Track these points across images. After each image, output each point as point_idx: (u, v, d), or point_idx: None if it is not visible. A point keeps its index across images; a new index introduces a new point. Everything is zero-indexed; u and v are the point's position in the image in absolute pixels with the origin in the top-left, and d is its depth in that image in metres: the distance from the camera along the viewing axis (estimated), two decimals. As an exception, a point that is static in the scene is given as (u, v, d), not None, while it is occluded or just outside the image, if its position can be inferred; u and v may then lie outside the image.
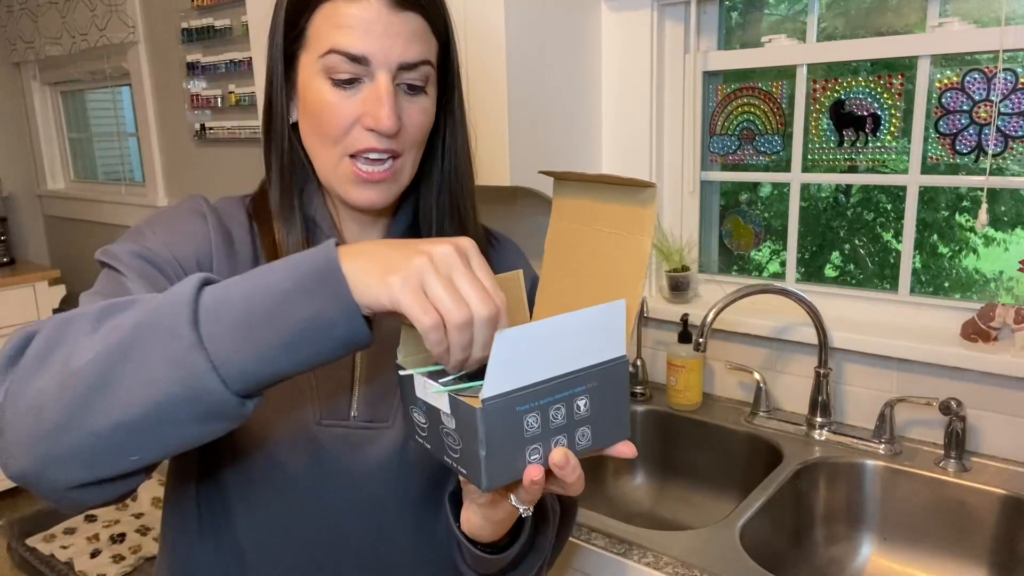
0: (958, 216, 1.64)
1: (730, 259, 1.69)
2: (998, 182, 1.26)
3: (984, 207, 1.24)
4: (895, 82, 1.33)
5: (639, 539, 1.08)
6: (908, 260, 1.37)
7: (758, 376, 1.45)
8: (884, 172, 1.41)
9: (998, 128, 1.24)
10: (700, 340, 1.29)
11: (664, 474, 1.53)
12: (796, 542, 1.26)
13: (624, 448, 0.59)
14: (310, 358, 0.54)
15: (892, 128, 1.35)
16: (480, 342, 0.53)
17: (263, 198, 0.79)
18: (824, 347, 1.35)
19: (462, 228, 0.80)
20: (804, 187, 1.49)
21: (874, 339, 1.33)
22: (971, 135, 1.27)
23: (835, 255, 1.76)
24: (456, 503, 0.71)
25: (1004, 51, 1.20)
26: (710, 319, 1.28)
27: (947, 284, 1.61)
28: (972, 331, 1.26)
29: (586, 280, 0.64)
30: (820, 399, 1.37)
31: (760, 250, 1.66)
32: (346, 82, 0.68)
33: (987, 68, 1.23)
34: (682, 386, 1.49)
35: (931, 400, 1.26)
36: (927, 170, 1.33)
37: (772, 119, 1.50)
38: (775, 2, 1.54)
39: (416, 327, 0.52)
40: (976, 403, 1.26)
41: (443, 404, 0.55)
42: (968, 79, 1.25)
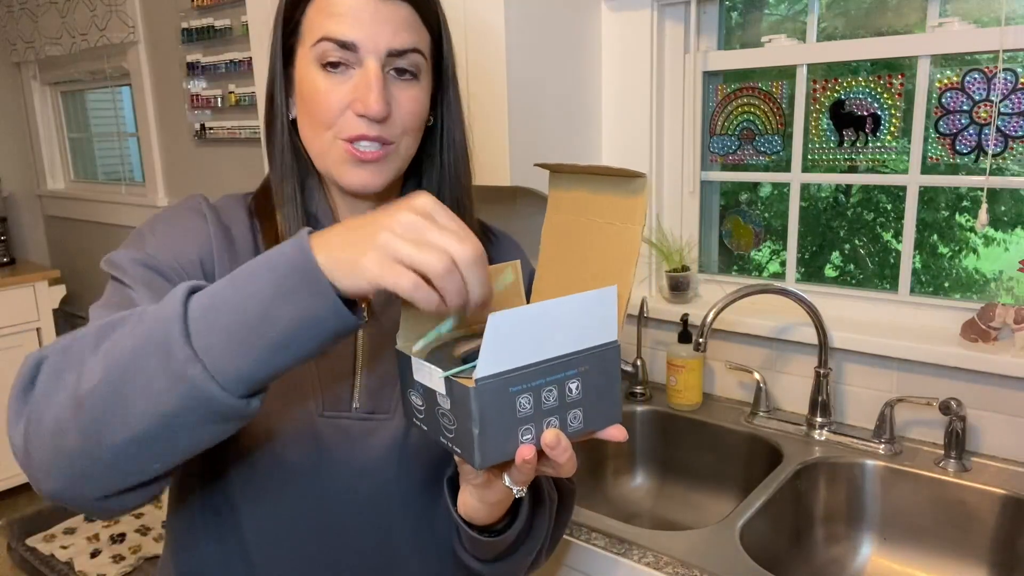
0: (958, 216, 1.64)
1: (730, 259, 1.69)
2: (998, 182, 1.26)
3: (984, 207, 1.24)
4: (895, 82, 1.33)
5: (639, 539, 1.08)
6: (908, 260, 1.37)
7: (758, 376, 1.45)
8: (884, 172, 1.41)
9: (998, 128, 1.24)
10: (700, 340, 1.29)
11: (664, 474, 1.53)
12: (796, 542, 1.26)
13: (615, 431, 0.60)
14: (304, 353, 0.55)
15: (892, 128, 1.35)
16: (475, 282, 0.54)
17: (265, 195, 0.80)
18: (824, 347, 1.35)
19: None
20: (804, 187, 1.49)
21: (874, 339, 1.33)
22: (971, 135, 1.27)
23: (835, 255, 1.76)
24: (454, 487, 0.72)
25: (1004, 51, 1.20)
26: (710, 319, 1.28)
27: (947, 284, 1.61)
28: (972, 331, 1.26)
29: (580, 269, 0.66)
30: (820, 399, 1.37)
31: (760, 250, 1.66)
32: (335, 66, 0.70)
33: (987, 68, 1.23)
34: (682, 386, 1.49)
35: (931, 400, 1.26)
36: (927, 170, 1.33)
37: (772, 119, 1.50)
38: (775, 2, 1.54)
39: (402, 295, 0.53)
40: (976, 403, 1.26)
41: (439, 385, 0.56)
42: (968, 79, 1.25)
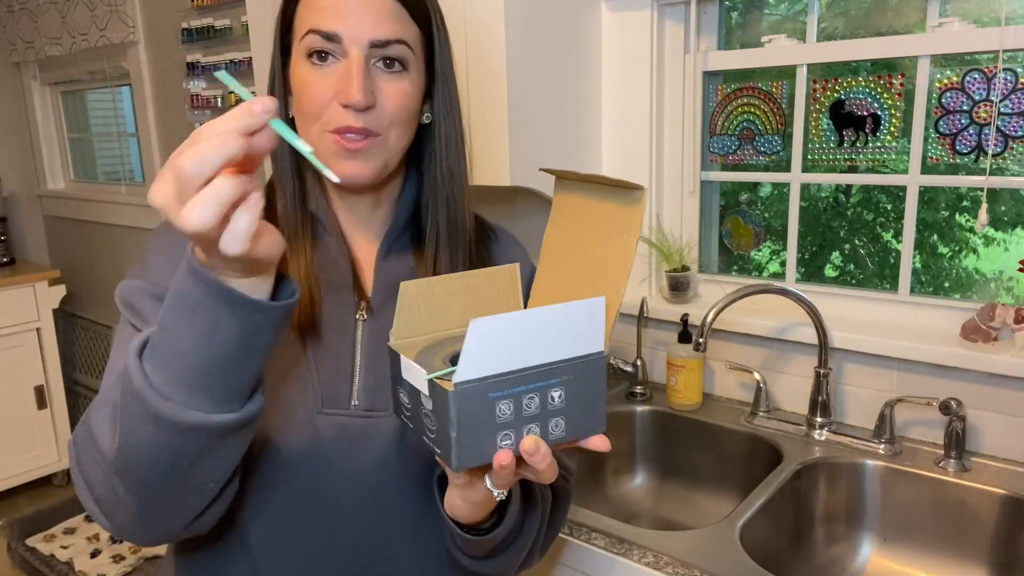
0: (958, 216, 1.64)
1: (730, 259, 1.69)
2: (998, 182, 1.26)
3: (984, 207, 1.24)
4: (895, 82, 1.33)
5: (639, 539, 1.08)
6: (908, 260, 1.37)
7: (758, 376, 1.45)
8: (884, 172, 1.41)
9: (998, 128, 1.24)
10: (700, 340, 1.29)
11: (664, 474, 1.53)
12: (796, 542, 1.26)
13: (599, 442, 0.60)
14: (262, 352, 0.58)
15: (892, 128, 1.35)
16: (238, 115, 0.49)
17: (268, 194, 0.80)
18: (824, 347, 1.35)
19: (452, 223, 0.82)
20: (804, 187, 1.49)
21: (874, 339, 1.33)
22: (971, 135, 1.27)
23: (835, 255, 1.76)
24: (444, 485, 0.73)
25: (1004, 51, 1.20)
26: (710, 319, 1.28)
27: (947, 284, 1.61)
28: (972, 331, 1.26)
29: (575, 276, 0.66)
30: (820, 399, 1.37)
31: (760, 250, 1.66)
32: (320, 57, 0.72)
33: (987, 68, 1.23)
34: (682, 386, 1.49)
35: (931, 400, 1.26)
36: (927, 170, 1.33)
37: (772, 119, 1.50)
38: (775, 2, 1.54)
39: (211, 209, 0.48)
40: (976, 403, 1.26)
41: (423, 386, 0.58)
42: (968, 79, 1.25)
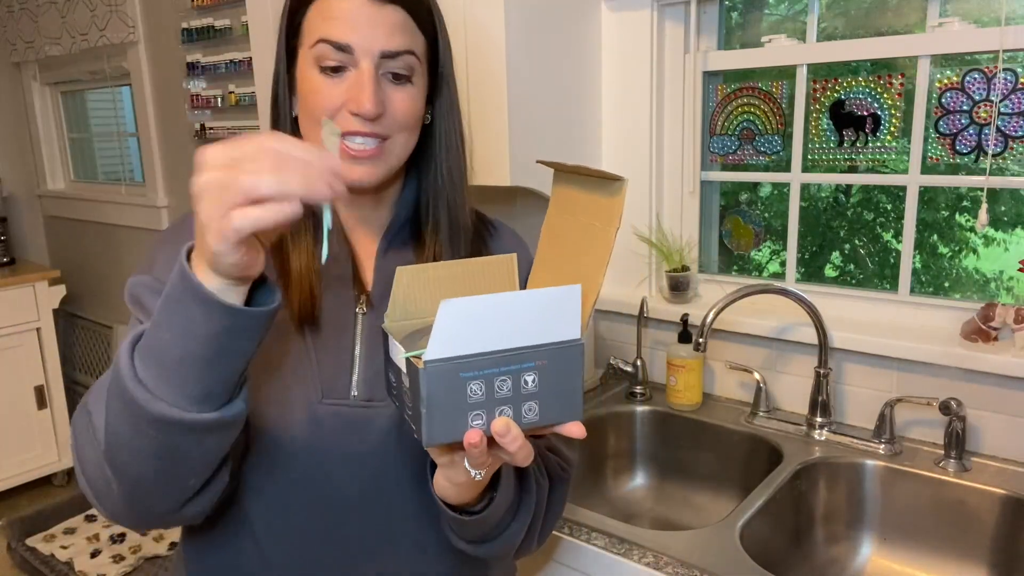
0: (958, 216, 1.65)
1: (730, 259, 1.69)
2: (998, 182, 1.26)
3: (984, 207, 1.24)
4: (895, 82, 1.33)
5: (639, 539, 1.08)
6: (908, 260, 1.37)
7: (758, 376, 1.45)
8: (884, 172, 1.41)
9: (998, 128, 1.24)
10: (700, 340, 1.29)
11: (664, 474, 1.53)
12: (796, 542, 1.26)
13: (574, 428, 0.61)
14: (240, 355, 0.59)
15: (892, 128, 1.35)
16: (292, 148, 0.53)
17: None
18: (824, 347, 1.35)
19: (452, 218, 0.84)
20: (804, 187, 1.49)
21: (874, 339, 1.33)
22: (971, 135, 1.27)
23: (835, 255, 1.76)
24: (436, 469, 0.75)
25: (1004, 51, 1.20)
26: (710, 319, 1.28)
27: (947, 284, 1.61)
28: (972, 331, 1.26)
29: (563, 266, 0.67)
30: (820, 399, 1.37)
31: (760, 250, 1.66)
32: (333, 70, 0.74)
33: (987, 68, 1.23)
34: (682, 386, 1.49)
35: (931, 400, 1.26)
36: (927, 170, 1.33)
37: (772, 119, 1.50)
38: (775, 2, 1.54)
39: (244, 224, 0.52)
40: (976, 403, 1.26)
41: (402, 364, 0.60)
42: (968, 79, 1.25)
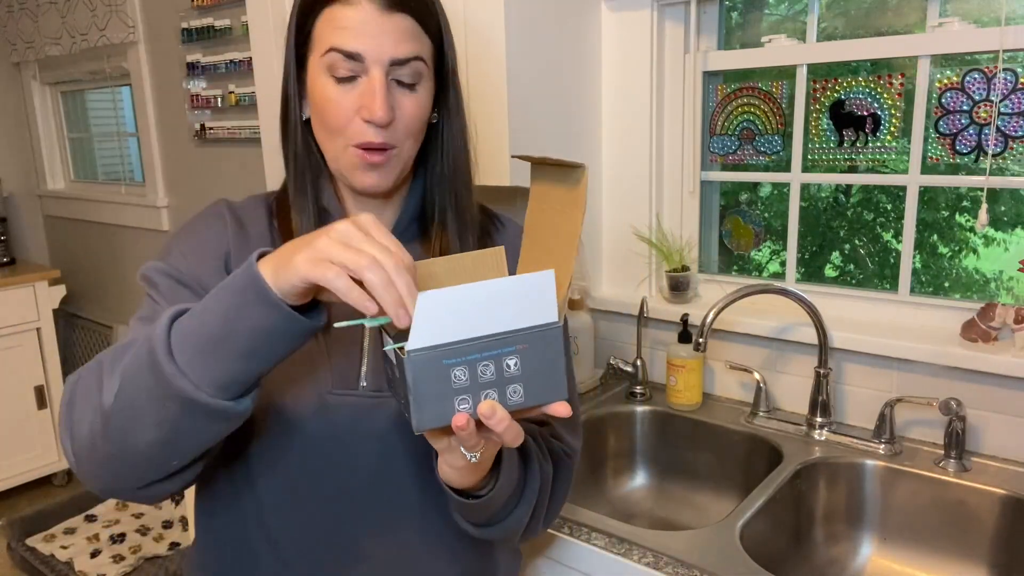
0: (958, 216, 1.64)
1: (730, 259, 1.69)
2: (998, 182, 1.26)
3: (984, 207, 1.24)
4: (895, 82, 1.33)
5: (639, 539, 1.08)
6: (908, 260, 1.37)
7: (758, 376, 1.45)
8: (884, 172, 1.41)
9: (998, 128, 1.24)
10: (700, 340, 1.29)
11: (664, 474, 1.53)
12: (796, 542, 1.26)
13: (560, 408, 0.63)
14: (273, 356, 0.63)
15: (892, 128, 1.35)
16: (402, 286, 0.59)
17: (285, 193, 0.87)
18: (824, 347, 1.35)
19: (460, 214, 0.87)
20: (804, 187, 1.49)
21: (874, 339, 1.33)
22: (971, 135, 1.27)
23: (835, 255, 1.76)
24: None
25: (1004, 51, 1.20)
26: (710, 319, 1.28)
27: (947, 284, 1.61)
28: (972, 331, 1.26)
29: (541, 256, 0.71)
30: (820, 399, 1.37)
31: (760, 250, 1.66)
32: (344, 79, 0.76)
33: (987, 68, 1.23)
34: (682, 386, 1.49)
35: (931, 400, 1.26)
36: (927, 170, 1.33)
37: (772, 119, 1.50)
38: (775, 2, 1.54)
39: (329, 288, 0.58)
40: (976, 403, 1.26)
41: (391, 355, 0.63)
42: (968, 79, 1.25)
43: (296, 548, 0.82)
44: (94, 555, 2.35)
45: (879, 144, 1.37)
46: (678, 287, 1.58)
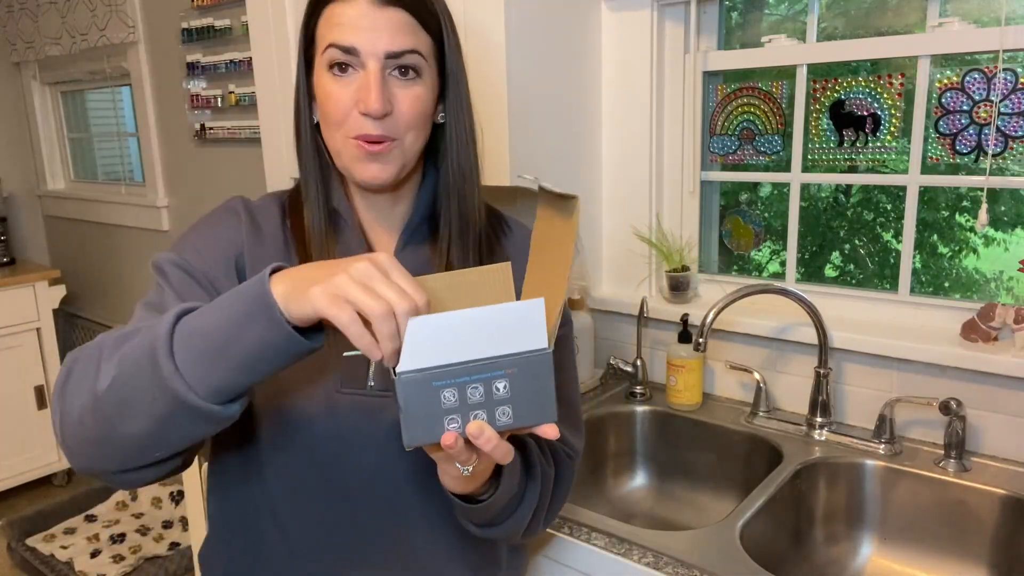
0: (958, 216, 1.65)
1: (730, 259, 1.69)
2: (998, 182, 1.26)
3: (984, 207, 1.24)
4: (895, 82, 1.33)
5: (639, 539, 1.08)
6: (908, 260, 1.37)
7: (758, 376, 1.45)
8: (884, 172, 1.41)
9: (998, 128, 1.24)
10: (700, 340, 1.29)
11: (664, 474, 1.53)
12: (796, 542, 1.26)
13: (549, 430, 0.65)
14: (267, 371, 0.64)
15: (892, 128, 1.35)
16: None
17: (297, 193, 0.89)
18: (824, 347, 1.35)
19: (463, 213, 0.87)
20: (804, 187, 1.49)
21: (874, 339, 1.33)
22: (971, 135, 1.27)
23: (835, 255, 1.76)
24: None
25: (1004, 51, 1.20)
26: (710, 319, 1.28)
27: (947, 284, 1.61)
28: (972, 331, 1.26)
29: (537, 279, 0.72)
30: (820, 399, 1.37)
31: (760, 250, 1.66)
32: (341, 69, 0.78)
33: (987, 68, 1.23)
34: (682, 386, 1.49)
35: (931, 400, 1.26)
36: (927, 170, 1.33)
37: (772, 119, 1.50)
38: (775, 2, 1.54)
39: (340, 327, 0.60)
40: (976, 403, 1.26)
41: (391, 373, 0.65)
42: (968, 79, 1.25)
43: (304, 539, 0.85)
44: (94, 555, 2.35)
45: (879, 144, 1.37)
46: (678, 287, 1.58)
